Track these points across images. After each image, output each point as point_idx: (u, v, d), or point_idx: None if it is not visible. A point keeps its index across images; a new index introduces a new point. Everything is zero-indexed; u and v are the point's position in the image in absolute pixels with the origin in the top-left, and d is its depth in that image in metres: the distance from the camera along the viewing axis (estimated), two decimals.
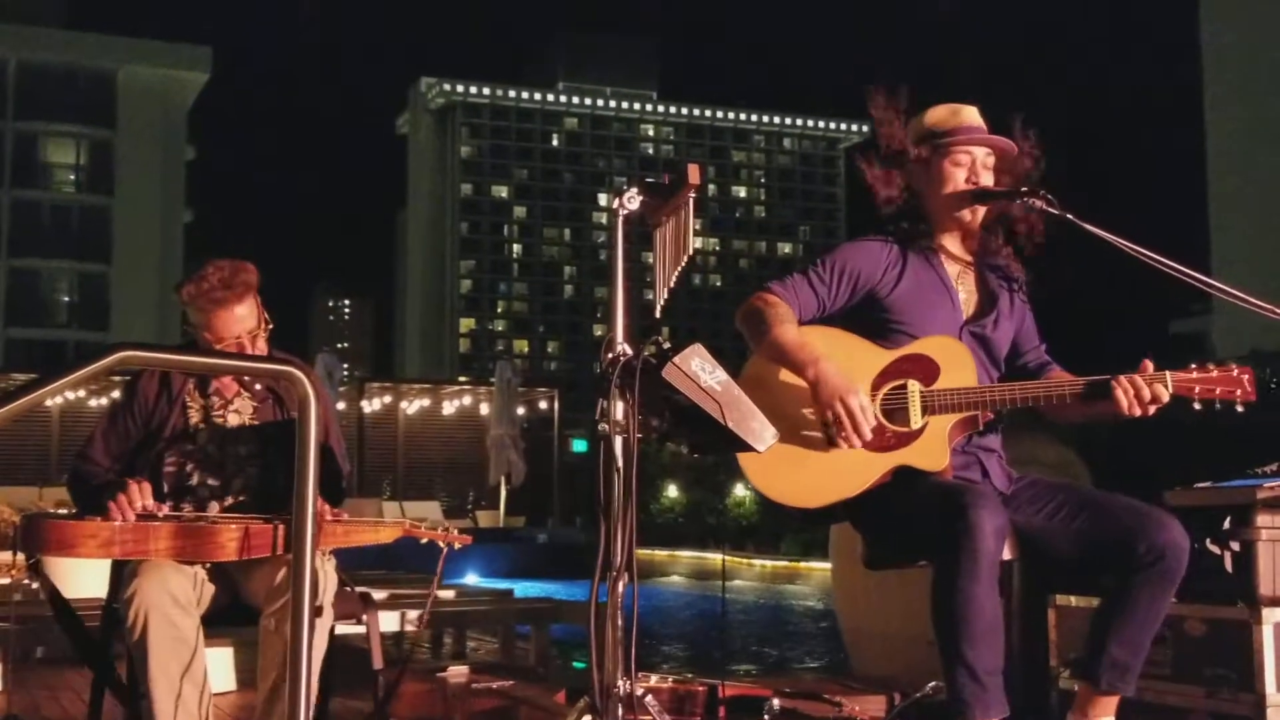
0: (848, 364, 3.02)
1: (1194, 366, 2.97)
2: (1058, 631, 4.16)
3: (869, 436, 2.97)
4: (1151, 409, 2.94)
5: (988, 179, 3.18)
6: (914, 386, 3.03)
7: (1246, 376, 2.87)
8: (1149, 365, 2.98)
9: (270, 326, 3.47)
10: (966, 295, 3.23)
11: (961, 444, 3.09)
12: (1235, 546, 3.81)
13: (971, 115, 3.22)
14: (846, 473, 3.02)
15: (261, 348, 3.43)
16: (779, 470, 3.03)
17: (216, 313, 3.36)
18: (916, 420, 3.01)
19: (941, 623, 2.82)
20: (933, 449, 3.00)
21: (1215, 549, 3.84)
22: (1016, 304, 3.26)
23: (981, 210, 3.19)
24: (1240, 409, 2.93)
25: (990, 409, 3.04)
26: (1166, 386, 2.95)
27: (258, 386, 3.50)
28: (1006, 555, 3.05)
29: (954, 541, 2.78)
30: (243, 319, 3.39)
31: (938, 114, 3.23)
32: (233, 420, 3.47)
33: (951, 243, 3.24)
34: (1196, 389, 2.93)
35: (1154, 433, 3.00)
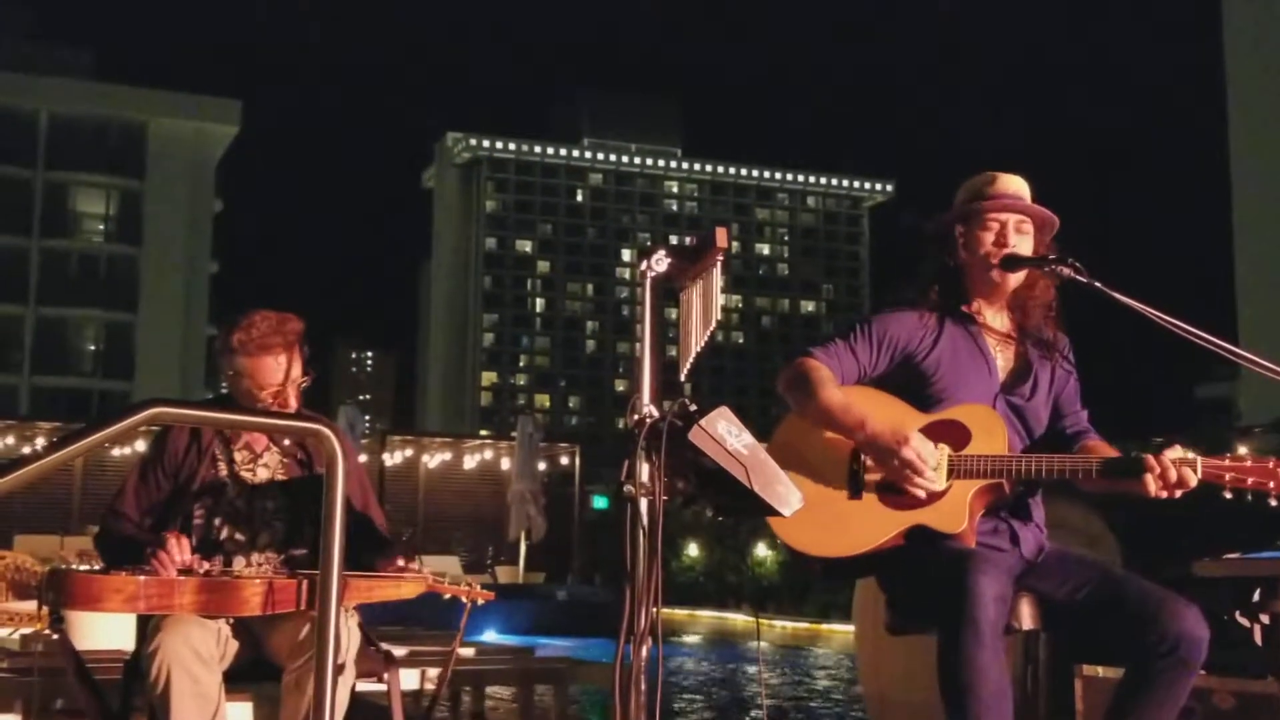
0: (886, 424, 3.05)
1: (1228, 455, 2.96)
2: (1084, 702, 4.11)
3: (934, 480, 2.99)
4: (1178, 493, 2.92)
5: (1022, 245, 3.19)
6: (943, 450, 3.04)
7: None
8: (1178, 448, 2.96)
9: (310, 378, 3.49)
10: (1004, 363, 3.24)
11: (993, 510, 3.08)
12: (1265, 619, 3.77)
13: (1008, 183, 3.23)
14: (862, 527, 3.05)
15: (294, 402, 3.45)
16: (799, 518, 3.05)
17: (264, 359, 3.39)
18: (941, 483, 3.02)
19: (947, 689, 2.81)
20: (951, 512, 3.00)
21: (1244, 621, 3.79)
22: (1058, 374, 3.27)
23: (1012, 277, 3.19)
24: (1274, 502, 2.89)
25: (1015, 478, 3.03)
26: (1195, 471, 2.92)
27: (286, 442, 3.52)
28: (1029, 625, 3.04)
29: (955, 607, 2.79)
30: (285, 368, 3.42)
31: (975, 181, 3.27)
32: (261, 475, 3.48)
33: (990, 311, 3.26)
34: (1226, 477, 2.90)
35: (1182, 500, 2.96)
